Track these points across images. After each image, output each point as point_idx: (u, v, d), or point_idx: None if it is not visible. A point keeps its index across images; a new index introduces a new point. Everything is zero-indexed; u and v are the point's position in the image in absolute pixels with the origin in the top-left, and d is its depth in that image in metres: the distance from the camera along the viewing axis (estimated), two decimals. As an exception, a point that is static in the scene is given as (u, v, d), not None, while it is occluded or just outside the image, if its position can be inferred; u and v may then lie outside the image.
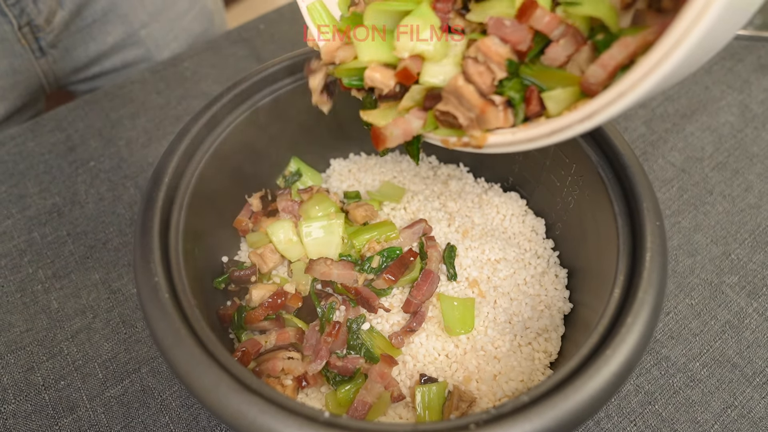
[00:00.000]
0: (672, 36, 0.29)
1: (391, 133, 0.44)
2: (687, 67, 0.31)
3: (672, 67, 0.30)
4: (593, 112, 0.34)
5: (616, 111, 0.33)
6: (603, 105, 0.33)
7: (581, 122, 0.35)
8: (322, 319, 0.52)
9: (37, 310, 0.60)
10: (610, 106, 0.33)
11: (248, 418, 0.35)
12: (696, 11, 0.28)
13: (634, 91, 0.31)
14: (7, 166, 0.73)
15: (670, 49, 0.29)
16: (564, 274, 0.55)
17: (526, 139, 0.38)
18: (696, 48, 0.29)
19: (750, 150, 0.73)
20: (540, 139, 0.37)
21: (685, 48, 0.29)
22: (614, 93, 0.32)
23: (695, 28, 0.28)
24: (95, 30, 0.86)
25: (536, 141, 0.38)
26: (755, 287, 0.61)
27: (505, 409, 0.35)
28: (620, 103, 0.32)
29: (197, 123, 0.50)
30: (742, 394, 0.54)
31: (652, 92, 0.32)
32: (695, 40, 0.28)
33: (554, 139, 0.37)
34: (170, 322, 0.38)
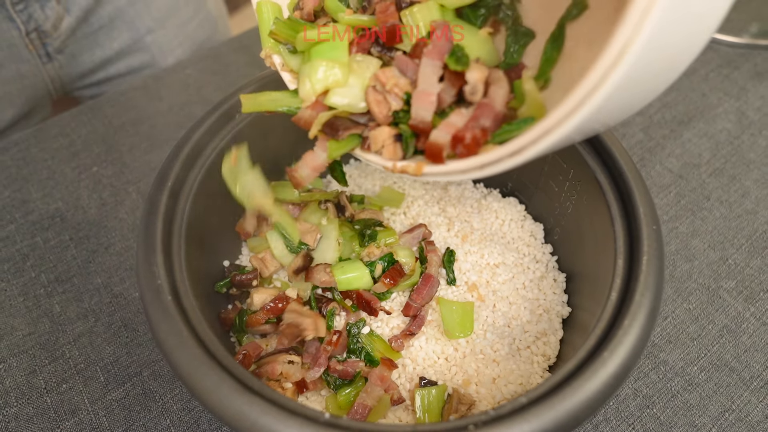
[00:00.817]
0: (594, 75, 0.28)
1: (301, 175, 0.44)
2: (614, 107, 0.31)
3: (592, 109, 0.29)
4: (521, 147, 0.34)
5: (543, 147, 0.32)
6: (530, 141, 0.33)
7: (511, 157, 0.34)
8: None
9: (40, 313, 0.61)
10: (537, 143, 0.32)
11: (250, 419, 0.35)
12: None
13: (560, 129, 0.31)
14: (10, 171, 0.73)
15: (594, 87, 0.29)
16: (562, 279, 0.56)
17: (459, 170, 0.38)
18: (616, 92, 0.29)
19: (747, 156, 0.73)
20: (472, 170, 0.37)
21: (604, 91, 0.28)
22: (540, 130, 0.32)
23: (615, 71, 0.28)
24: (101, 36, 0.87)
25: (469, 172, 0.37)
26: (752, 292, 0.61)
27: (504, 410, 0.36)
28: (546, 140, 0.32)
29: (200, 128, 0.51)
30: (739, 398, 0.54)
31: (579, 129, 0.31)
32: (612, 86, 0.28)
33: (486, 172, 0.36)
34: (172, 324, 0.39)
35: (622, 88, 0.28)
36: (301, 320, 0.50)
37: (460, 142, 0.36)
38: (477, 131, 0.36)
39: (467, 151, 0.36)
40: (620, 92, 0.29)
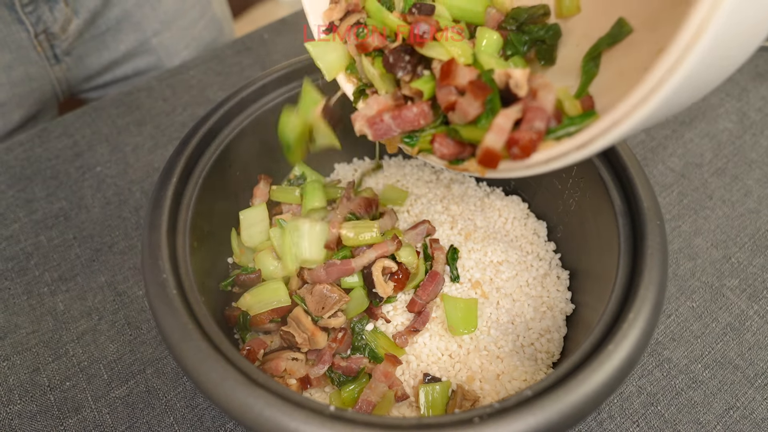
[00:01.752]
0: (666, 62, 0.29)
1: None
2: (681, 98, 0.31)
3: (663, 97, 0.30)
4: (589, 139, 0.34)
5: (613, 138, 0.33)
6: (598, 133, 0.33)
7: (577, 150, 0.35)
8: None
9: (44, 312, 0.61)
10: (606, 134, 0.33)
11: (255, 411, 0.35)
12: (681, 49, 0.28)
13: (630, 119, 0.31)
14: (14, 171, 0.74)
15: (662, 78, 0.29)
16: (566, 276, 0.56)
17: (523, 165, 0.38)
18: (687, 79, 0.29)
19: (749, 156, 0.74)
20: (537, 165, 0.38)
21: (681, 71, 0.29)
22: (609, 121, 0.32)
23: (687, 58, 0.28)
24: (108, 38, 0.88)
25: (534, 167, 0.38)
26: (756, 290, 0.61)
27: (509, 403, 0.36)
28: (616, 131, 0.32)
29: (204, 126, 0.51)
30: (744, 396, 0.54)
31: (648, 120, 0.32)
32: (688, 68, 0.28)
33: (551, 166, 0.37)
34: (178, 318, 0.39)
35: (702, 65, 0.28)
36: (297, 333, 0.50)
37: (516, 144, 0.36)
38: (533, 133, 0.36)
39: (523, 153, 0.37)
40: (698, 72, 0.29)
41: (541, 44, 0.45)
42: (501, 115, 0.37)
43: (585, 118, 0.36)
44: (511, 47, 0.45)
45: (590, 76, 0.41)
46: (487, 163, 0.38)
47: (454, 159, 0.42)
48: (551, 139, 0.37)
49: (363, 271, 0.53)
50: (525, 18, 0.45)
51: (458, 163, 0.42)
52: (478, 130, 0.39)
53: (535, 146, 0.36)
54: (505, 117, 0.37)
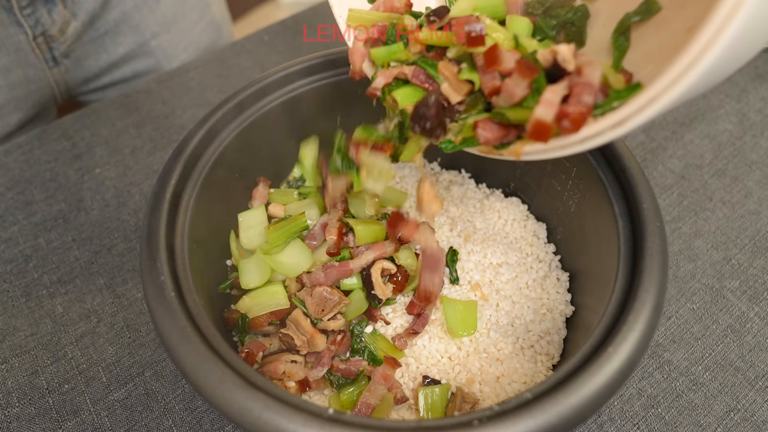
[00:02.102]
0: (700, 42, 0.29)
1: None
2: (714, 75, 0.32)
3: (699, 75, 0.30)
4: (625, 117, 0.35)
5: (648, 116, 0.33)
6: (634, 111, 0.34)
7: (613, 128, 0.35)
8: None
9: (42, 314, 0.61)
10: (642, 112, 0.33)
11: (253, 414, 0.35)
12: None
13: (666, 97, 0.32)
14: (13, 173, 0.74)
15: (698, 55, 0.30)
16: (566, 278, 0.56)
17: (559, 146, 0.39)
18: (726, 51, 0.30)
19: (749, 157, 0.73)
20: (572, 145, 0.38)
21: (712, 54, 0.29)
22: (645, 99, 0.33)
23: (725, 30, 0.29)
24: (107, 40, 0.88)
25: (569, 147, 0.38)
26: (756, 292, 0.61)
27: (509, 405, 0.35)
28: (652, 109, 0.33)
29: (203, 128, 0.51)
30: (744, 398, 0.54)
31: (681, 98, 0.32)
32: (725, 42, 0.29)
33: (587, 146, 0.37)
34: (176, 320, 0.39)
35: (740, 38, 0.29)
36: (296, 335, 0.50)
37: (567, 117, 0.37)
38: (582, 107, 0.37)
39: (573, 126, 0.37)
40: (736, 45, 0.29)
41: (570, 27, 0.45)
42: (549, 90, 0.37)
43: (631, 91, 0.37)
44: (540, 32, 0.45)
45: (622, 51, 0.42)
46: (539, 136, 0.38)
47: (499, 143, 0.42)
48: (598, 113, 0.37)
49: (362, 273, 0.53)
50: (551, 2, 0.45)
51: (503, 147, 0.42)
52: (525, 110, 0.39)
53: (585, 119, 0.37)
54: (553, 92, 0.37)
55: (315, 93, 0.57)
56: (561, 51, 0.38)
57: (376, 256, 0.53)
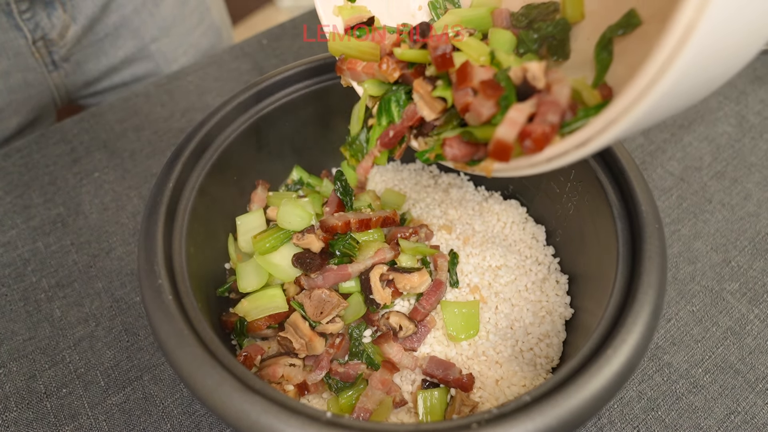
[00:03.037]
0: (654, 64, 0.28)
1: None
2: (681, 94, 0.30)
3: (660, 95, 0.28)
4: (588, 138, 0.33)
5: (610, 137, 0.32)
6: (596, 131, 0.32)
7: (577, 149, 0.34)
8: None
9: (40, 318, 0.61)
10: (604, 133, 0.32)
11: (251, 418, 0.35)
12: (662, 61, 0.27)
13: (629, 116, 0.30)
14: (12, 177, 0.74)
15: (658, 72, 0.28)
16: (565, 280, 0.56)
17: (526, 164, 0.38)
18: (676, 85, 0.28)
19: (748, 159, 0.73)
20: (539, 164, 0.37)
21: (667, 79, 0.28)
22: (606, 119, 0.31)
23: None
24: (107, 44, 0.88)
25: (536, 166, 0.37)
26: (756, 294, 0.61)
27: (507, 408, 0.35)
28: (614, 130, 0.31)
29: (201, 131, 0.51)
30: (745, 400, 0.54)
31: (646, 118, 0.31)
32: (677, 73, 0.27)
33: (553, 165, 0.36)
34: (173, 324, 0.39)
35: (694, 65, 0.27)
36: (295, 338, 0.50)
37: (529, 137, 0.36)
38: (546, 126, 0.36)
39: (536, 146, 0.36)
40: (694, 70, 0.27)
41: (551, 40, 0.45)
42: (514, 109, 0.37)
43: (598, 109, 0.36)
44: (523, 45, 0.45)
45: (604, 65, 0.41)
46: (499, 156, 0.38)
47: (468, 160, 0.42)
48: (565, 132, 0.37)
49: (361, 278, 0.53)
50: (535, 14, 0.45)
51: (474, 164, 0.42)
52: (492, 128, 0.38)
53: (548, 139, 0.36)
54: (517, 111, 0.36)
55: (314, 96, 0.57)
56: (531, 68, 0.37)
57: (374, 261, 0.53)
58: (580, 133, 0.33)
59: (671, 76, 0.27)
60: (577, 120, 0.36)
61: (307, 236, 0.53)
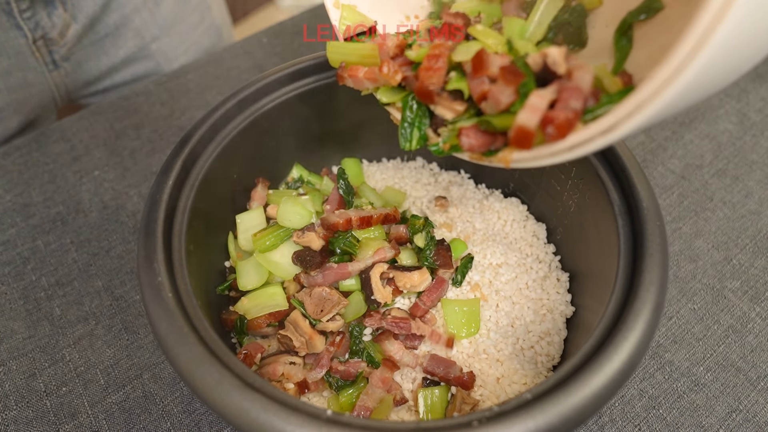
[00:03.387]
0: (687, 43, 0.27)
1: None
2: (709, 79, 0.30)
3: (689, 79, 0.28)
4: (614, 124, 0.32)
5: (638, 123, 0.31)
6: (623, 116, 0.32)
7: (602, 135, 0.33)
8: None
9: (40, 317, 0.61)
10: (631, 118, 0.31)
11: (251, 415, 0.34)
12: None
13: (655, 102, 0.29)
14: (12, 175, 0.73)
15: (687, 57, 0.27)
16: (566, 278, 0.56)
17: (548, 153, 0.37)
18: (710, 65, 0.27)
19: (749, 157, 0.73)
20: (561, 153, 0.36)
21: (703, 55, 0.27)
22: (633, 104, 0.31)
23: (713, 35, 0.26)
24: (107, 43, 0.87)
25: (558, 155, 0.36)
26: (758, 292, 0.61)
27: (508, 406, 0.35)
28: (640, 115, 0.30)
29: (201, 129, 0.51)
30: (746, 398, 0.54)
31: (673, 104, 0.30)
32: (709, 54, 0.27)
33: (576, 153, 0.35)
34: (173, 321, 0.38)
35: (728, 46, 0.26)
36: (295, 336, 0.50)
37: (551, 123, 0.35)
38: (569, 113, 0.35)
39: (559, 132, 0.35)
40: (725, 53, 0.27)
41: (567, 27, 0.44)
42: (535, 95, 0.36)
43: (621, 95, 0.35)
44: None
45: (624, 53, 0.40)
46: (521, 144, 0.37)
47: (485, 150, 0.41)
48: (588, 119, 0.36)
49: (361, 276, 0.53)
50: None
51: (491, 154, 0.41)
52: (511, 117, 0.37)
53: (571, 125, 0.35)
54: (539, 96, 0.36)
55: (314, 93, 0.57)
56: (551, 54, 0.37)
57: (375, 259, 0.53)
58: (605, 119, 0.33)
59: (704, 56, 0.26)
60: (600, 106, 0.36)
61: (307, 234, 0.53)
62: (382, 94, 0.46)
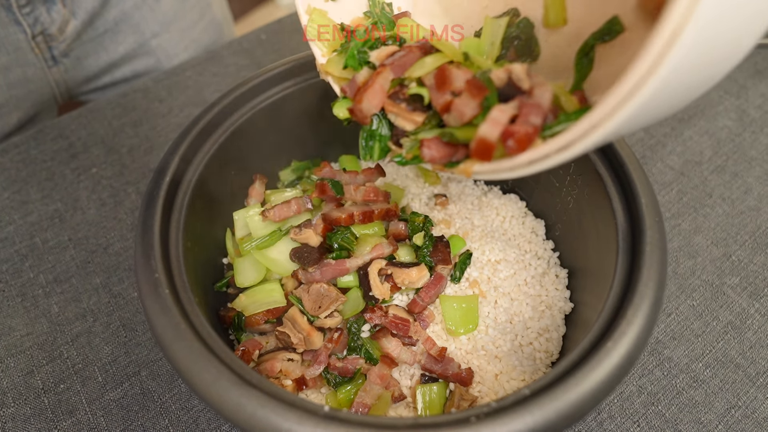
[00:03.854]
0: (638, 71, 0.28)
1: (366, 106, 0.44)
2: (664, 101, 0.30)
3: (642, 101, 0.28)
4: (569, 142, 0.33)
5: (591, 142, 0.32)
6: (578, 135, 0.32)
7: (558, 153, 0.34)
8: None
9: (38, 314, 0.60)
10: (586, 137, 0.32)
11: (248, 411, 0.34)
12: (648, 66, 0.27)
13: (609, 122, 0.30)
14: (9, 173, 0.73)
15: (641, 80, 0.28)
16: (564, 275, 0.55)
17: (507, 167, 0.37)
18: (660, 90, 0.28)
19: (748, 153, 0.73)
20: (520, 168, 0.37)
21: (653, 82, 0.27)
22: (587, 124, 0.31)
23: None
24: (107, 39, 0.87)
25: (517, 170, 0.37)
26: (757, 288, 0.61)
27: (506, 402, 0.35)
28: (594, 135, 0.31)
29: (198, 125, 0.51)
30: (745, 395, 0.54)
31: (627, 124, 0.30)
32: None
33: (534, 168, 0.36)
34: (170, 317, 0.38)
35: (678, 71, 0.27)
36: (293, 333, 0.50)
37: (512, 137, 0.36)
38: (529, 127, 0.36)
39: (518, 146, 0.36)
40: (677, 77, 0.27)
41: (517, 41, 0.45)
42: (497, 109, 0.37)
43: (579, 114, 0.36)
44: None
45: (584, 73, 0.42)
46: (482, 156, 0.38)
47: (446, 162, 0.41)
48: (547, 135, 0.36)
49: (359, 273, 0.53)
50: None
51: (452, 166, 0.41)
52: (473, 129, 0.38)
53: (531, 140, 0.36)
54: (500, 111, 0.37)
55: (311, 90, 0.57)
56: (515, 70, 0.37)
57: (373, 256, 0.53)
58: (562, 137, 0.33)
59: (658, 78, 0.27)
60: (558, 123, 0.36)
61: (304, 231, 0.53)
62: (338, 109, 0.46)
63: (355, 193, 0.55)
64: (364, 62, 0.45)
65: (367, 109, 0.43)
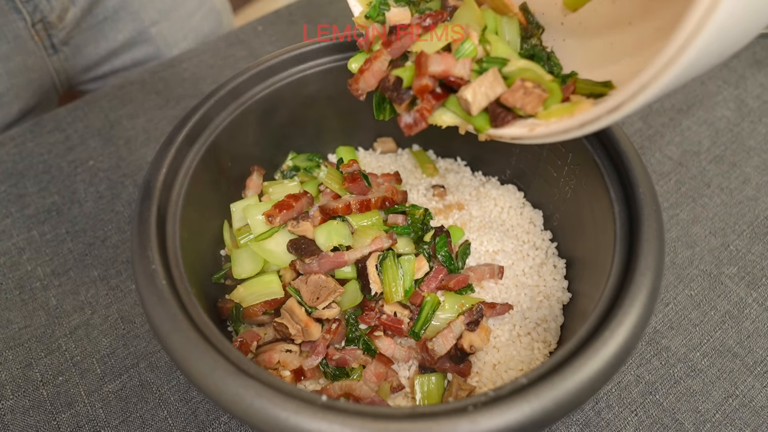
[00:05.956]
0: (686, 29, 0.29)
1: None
2: (703, 60, 0.31)
3: (689, 59, 0.29)
4: (619, 103, 0.34)
5: (642, 101, 0.33)
6: (629, 96, 0.33)
7: (609, 114, 0.35)
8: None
9: (36, 306, 0.60)
10: (637, 97, 0.33)
11: (245, 401, 0.34)
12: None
13: (658, 81, 0.31)
14: (6, 166, 0.73)
15: (685, 42, 0.29)
16: (562, 265, 0.55)
17: (560, 130, 0.39)
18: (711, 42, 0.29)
19: (747, 143, 0.73)
20: (572, 130, 0.38)
21: (700, 40, 0.29)
22: (637, 85, 0.32)
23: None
24: (106, 27, 0.87)
25: (570, 132, 0.39)
26: (754, 278, 0.61)
27: (504, 391, 0.35)
28: (646, 94, 0.32)
29: (194, 116, 0.51)
30: (743, 384, 0.54)
31: (674, 83, 0.32)
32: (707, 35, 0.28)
33: (585, 130, 0.37)
34: (167, 308, 0.38)
35: (731, 18, 0.28)
36: (291, 324, 0.50)
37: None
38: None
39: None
40: (728, 26, 0.28)
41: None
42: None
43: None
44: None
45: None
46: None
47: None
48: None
49: (358, 266, 0.53)
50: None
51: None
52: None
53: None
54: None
55: (308, 81, 0.57)
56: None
57: (372, 249, 0.53)
58: (612, 99, 0.35)
59: (703, 37, 0.28)
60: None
61: (302, 223, 0.52)
62: (352, 63, 0.48)
63: (377, 189, 0.56)
64: (382, 14, 0.47)
65: (363, 88, 0.46)
